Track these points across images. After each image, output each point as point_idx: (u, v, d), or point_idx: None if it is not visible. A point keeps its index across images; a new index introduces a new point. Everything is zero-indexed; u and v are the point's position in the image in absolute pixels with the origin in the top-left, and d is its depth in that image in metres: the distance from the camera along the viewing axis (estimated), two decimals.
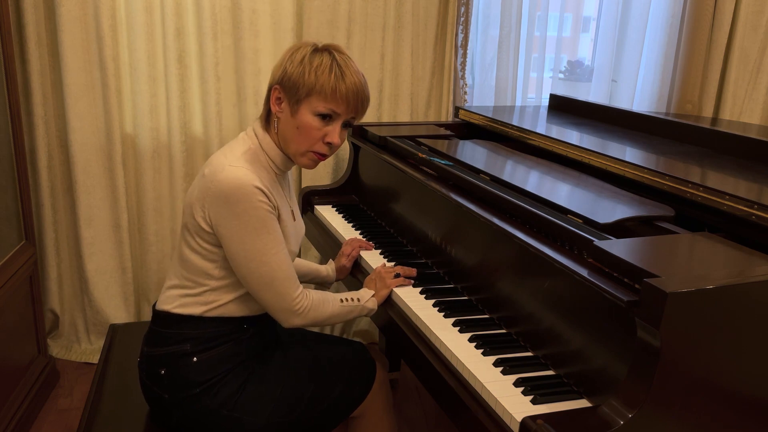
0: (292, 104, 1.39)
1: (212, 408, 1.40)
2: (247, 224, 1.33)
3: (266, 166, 1.43)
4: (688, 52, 2.82)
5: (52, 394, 2.39)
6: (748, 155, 1.75)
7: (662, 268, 1.08)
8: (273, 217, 1.37)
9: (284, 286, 1.39)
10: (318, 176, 2.65)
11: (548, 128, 2.15)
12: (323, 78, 1.36)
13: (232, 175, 1.32)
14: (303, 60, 1.38)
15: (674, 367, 1.04)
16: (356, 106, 1.40)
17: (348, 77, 1.38)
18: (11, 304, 2.12)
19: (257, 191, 1.33)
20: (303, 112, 1.38)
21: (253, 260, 1.35)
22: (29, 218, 2.28)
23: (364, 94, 1.41)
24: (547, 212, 1.42)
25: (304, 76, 1.37)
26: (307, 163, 1.44)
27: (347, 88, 1.37)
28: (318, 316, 1.47)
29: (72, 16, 2.31)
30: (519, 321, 1.43)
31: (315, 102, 1.37)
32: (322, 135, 1.40)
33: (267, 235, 1.35)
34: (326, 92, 1.36)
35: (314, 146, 1.41)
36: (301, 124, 1.39)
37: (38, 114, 2.40)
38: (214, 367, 1.41)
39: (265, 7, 2.47)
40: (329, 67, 1.37)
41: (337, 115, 1.40)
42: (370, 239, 2.00)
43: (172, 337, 1.42)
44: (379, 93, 2.65)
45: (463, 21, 2.64)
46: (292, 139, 1.41)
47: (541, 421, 1.08)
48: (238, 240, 1.34)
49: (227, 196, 1.32)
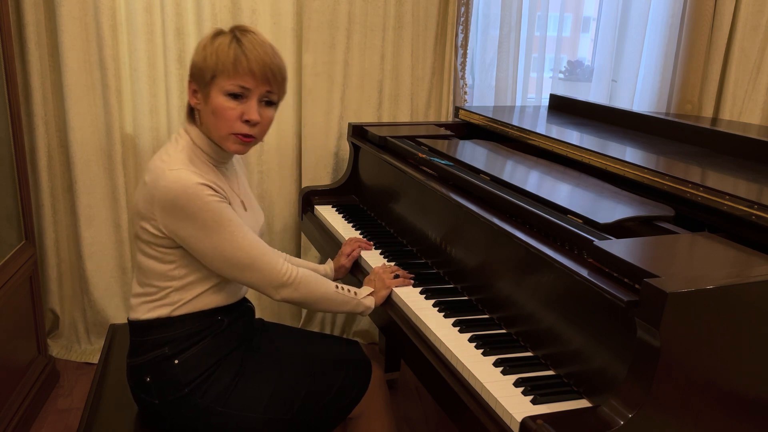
0: (204, 92, 1.37)
1: (205, 406, 1.40)
2: (205, 222, 1.32)
3: (203, 159, 1.41)
4: (688, 52, 2.82)
5: (52, 394, 2.39)
6: (748, 155, 1.75)
7: (662, 268, 1.08)
8: (227, 206, 1.36)
9: (265, 262, 1.39)
10: (318, 176, 2.65)
11: (548, 128, 2.15)
12: (223, 56, 1.33)
13: (173, 180, 1.30)
14: (205, 46, 1.37)
15: (674, 367, 1.04)
16: (265, 77, 1.35)
17: (249, 50, 1.34)
18: (11, 304, 2.12)
19: (203, 188, 1.31)
20: (214, 96, 1.35)
21: (225, 250, 1.35)
22: (29, 218, 2.28)
23: (272, 64, 1.36)
24: (547, 212, 1.42)
25: (206, 60, 1.35)
26: (234, 147, 1.40)
27: (248, 60, 1.33)
28: (310, 291, 1.47)
29: (72, 16, 2.32)
30: (519, 321, 1.43)
31: (221, 82, 1.34)
32: (238, 115, 1.36)
33: (228, 223, 1.34)
34: (228, 69, 1.33)
35: (234, 127, 1.37)
36: (215, 108, 1.36)
37: (38, 114, 2.40)
38: (197, 365, 1.40)
39: (265, 7, 2.47)
40: (228, 44, 1.34)
41: (248, 91, 1.36)
42: (370, 239, 2.00)
43: (149, 343, 1.41)
44: (379, 93, 2.65)
45: (463, 21, 2.64)
46: (213, 126, 1.38)
47: (541, 421, 1.08)
48: (201, 239, 1.34)
49: (175, 201, 1.31)
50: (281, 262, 1.42)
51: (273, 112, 1.43)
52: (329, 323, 2.84)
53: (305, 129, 2.60)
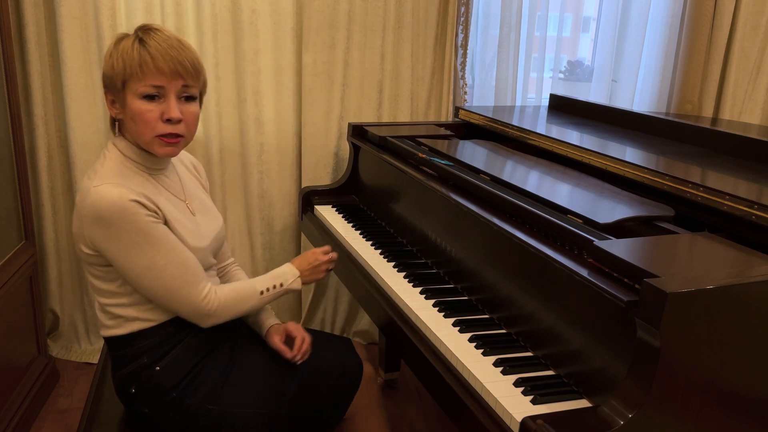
0: (120, 100, 1.34)
1: (196, 406, 1.39)
2: (128, 242, 1.29)
3: (135, 170, 1.37)
4: (688, 52, 2.82)
5: (52, 394, 2.39)
6: (748, 155, 1.75)
7: (662, 268, 1.08)
8: (155, 225, 1.31)
9: (184, 294, 1.35)
10: (318, 176, 2.65)
11: (548, 128, 2.15)
12: (128, 59, 1.29)
13: (98, 196, 1.27)
14: (111, 53, 1.33)
15: (674, 367, 1.04)
16: (176, 72, 1.31)
17: (154, 48, 1.29)
18: (11, 304, 2.12)
19: (130, 204, 1.27)
20: (130, 102, 1.31)
21: (145, 276, 1.31)
22: (29, 218, 2.28)
23: (180, 58, 1.31)
24: (547, 212, 1.42)
25: (114, 68, 1.31)
26: (162, 150, 1.35)
27: (154, 57, 1.29)
28: (235, 312, 1.44)
29: (72, 16, 2.31)
30: (519, 321, 1.43)
31: (133, 86, 1.30)
32: (158, 116, 1.31)
33: (151, 247, 1.30)
34: (136, 71, 1.29)
35: (156, 129, 1.32)
36: (134, 113, 1.31)
37: (38, 114, 2.40)
38: (180, 367, 1.39)
39: (265, 7, 2.47)
40: (131, 46, 1.30)
41: (162, 89, 1.31)
42: (370, 239, 2.00)
43: (126, 356, 1.40)
44: (379, 93, 2.65)
45: (463, 21, 2.64)
46: (136, 133, 1.34)
47: (541, 421, 1.08)
48: (123, 260, 1.30)
49: (100, 218, 1.27)
50: (203, 294, 1.37)
51: (196, 106, 1.38)
52: (329, 323, 2.84)
53: (305, 129, 2.60)
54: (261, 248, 2.70)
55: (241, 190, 2.64)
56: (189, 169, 1.58)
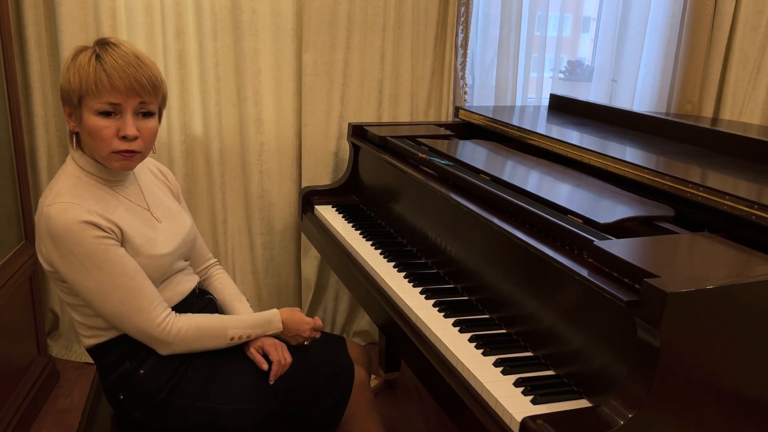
0: (76, 114, 1.32)
1: (186, 406, 1.38)
2: (76, 264, 1.28)
3: (93, 183, 1.36)
4: (688, 52, 2.82)
5: (52, 394, 2.39)
6: (748, 155, 1.75)
7: (662, 268, 1.08)
8: (106, 248, 1.28)
9: (134, 320, 1.32)
10: (318, 176, 2.65)
11: (548, 128, 2.15)
12: (84, 75, 1.27)
13: (49, 215, 1.26)
14: (68, 67, 1.31)
15: (674, 367, 1.04)
16: (131, 89, 1.28)
17: (109, 65, 1.27)
18: (11, 304, 2.12)
19: (78, 226, 1.26)
20: (86, 117, 1.29)
21: (94, 298, 1.31)
22: (29, 218, 2.28)
23: (137, 75, 1.28)
24: (547, 212, 1.42)
25: (70, 83, 1.29)
26: (118, 164, 1.33)
27: (109, 75, 1.26)
28: (194, 348, 1.39)
29: (72, 16, 2.31)
30: (519, 321, 1.43)
31: (89, 102, 1.28)
32: (113, 132, 1.29)
33: (99, 272, 1.28)
34: (92, 88, 1.27)
35: (112, 145, 1.30)
36: (90, 129, 1.29)
37: (38, 114, 2.40)
38: (164, 368, 1.38)
39: (265, 7, 2.47)
40: (87, 62, 1.28)
41: (118, 107, 1.29)
42: (370, 239, 2.00)
43: (110, 365, 1.39)
44: (379, 93, 2.65)
45: (463, 21, 2.64)
46: (92, 148, 1.32)
47: (541, 421, 1.08)
48: (73, 280, 1.30)
49: (52, 237, 1.27)
50: (156, 322, 1.33)
51: (153, 122, 1.35)
52: (329, 323, 2.84)
53: (305, 129, 2.60)
54: (261, 248, 2.70)
55: (241, 190, 2.64)
56: (156, 175, 1.57)
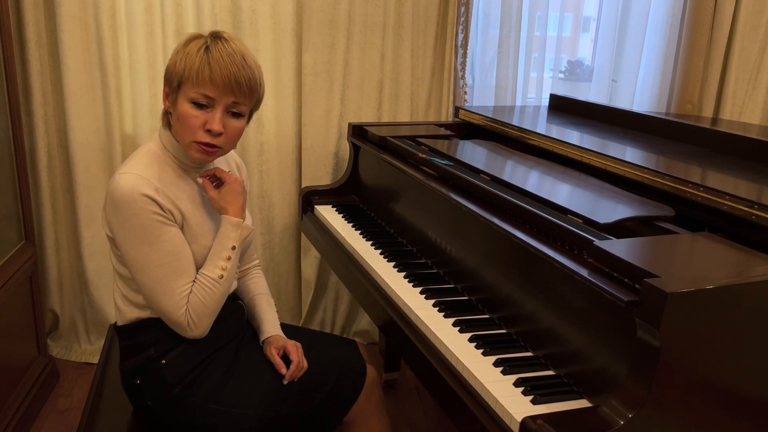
0: (173, 96, 1.36)
1: (197, 404, 1.39)
2: (131, 233, 1.32)
3: (170, 164, 1.40)
4: (688, 52, 2.81)
5: (52, 394, 2.39)
6: (748, 155, 1.75)
7: (662, 268, 1.08)
8: (161, 225, 1.32)
9: (167, 300, 1.35)
10: (318, 176, 2.65)
11: (548, 128, 2.15)
12: (189, 63, 1.32)
13: (118, 183, 1.31)
14: (178, 50, 1.35)
15: (674, 367, 1.04)
16: (229, 87, 1.32)
17: (216, 59, 1.31)
18: (11, 304, 2.12)
19: (142, 199, 1.30)
20: (180, 102, 1.34)
21: (138, 271, 1.34)
22: (29, 218, 2.28)
23: (238, 75, 1.32)
24: (547, 212, 1.42)
25: (176, 65, 1.34)
26: (197, 155, 1.37)
27: (212, 70, 1.30)
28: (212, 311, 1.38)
29: (72, 16, 2.31)
30: (519, 321, 1.43)
31: (187, 89, 1.33)
32: (201, 123, 1.33)
33: (149, 246, 1.32)
34: (193, 77, 1.31)
35: (196, 136, 1.34)
36: (180, 114, 1.34)
37: (38, 114, 2.40)
38: (185, 363, 1.40)
39: (265, 7, 2.47)
40: (197, 51, 1.32)
41: (212, 100, 1.33)
42: (370, 239, 2.00)
43: (135, 347, 1.42)
44: (379, 93, 2.65)
45: (463, 21, 2.64)
46: (178, 132, 1.37)
47: (541, 421, 1.08)
48: (125, 249, 1.34)
49: (115, 204, 1.31)
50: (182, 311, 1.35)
51: (241, 123, 1.39)
52: (329, 323, 2.84)
53: (305, 129, 2.60)
54: (261, 248, 2.70)
55: None
56: (232, 169, 1.59)
